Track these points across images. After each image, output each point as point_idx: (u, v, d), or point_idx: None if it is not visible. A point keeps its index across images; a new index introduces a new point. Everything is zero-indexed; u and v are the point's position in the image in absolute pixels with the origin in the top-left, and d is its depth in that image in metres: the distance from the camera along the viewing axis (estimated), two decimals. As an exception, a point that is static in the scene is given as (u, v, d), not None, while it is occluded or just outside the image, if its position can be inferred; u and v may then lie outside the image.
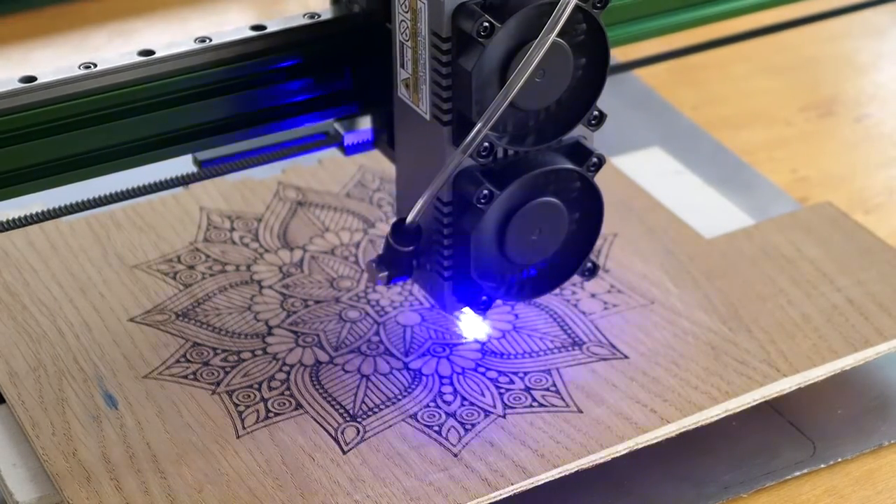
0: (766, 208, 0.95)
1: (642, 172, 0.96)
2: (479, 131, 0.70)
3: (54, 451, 0.75)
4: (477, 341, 0.82)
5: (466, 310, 0.78)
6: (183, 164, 0.80)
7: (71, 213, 0.78)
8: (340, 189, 0.93)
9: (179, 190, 0.92)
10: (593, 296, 0.85)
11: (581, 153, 0.76)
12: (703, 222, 0.91)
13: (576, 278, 0.86)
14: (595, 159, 0.76)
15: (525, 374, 0.80)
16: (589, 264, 0.79)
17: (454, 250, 0.76)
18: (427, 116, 0.74)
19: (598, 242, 0.88)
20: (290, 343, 0.81)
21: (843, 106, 1.09)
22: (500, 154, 0.74)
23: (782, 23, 1.00)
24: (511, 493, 0.73)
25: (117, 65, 0.74)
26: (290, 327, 0.83)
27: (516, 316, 0.83)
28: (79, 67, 0.74)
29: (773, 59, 1.15)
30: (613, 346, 0.82)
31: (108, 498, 0.72)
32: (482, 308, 0.77)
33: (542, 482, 0.74)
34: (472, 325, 0.82)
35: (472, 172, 0.74)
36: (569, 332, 0.82)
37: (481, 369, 0.80)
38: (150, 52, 0.75)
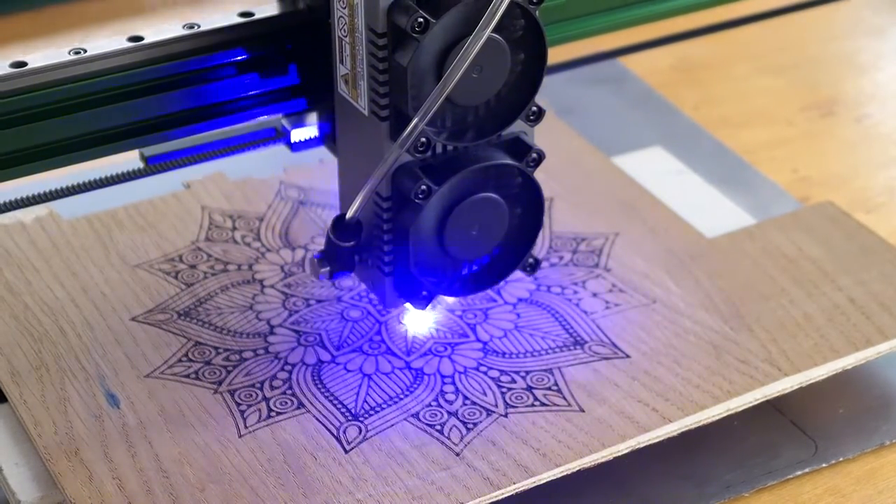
0: (767, 208, 0.95)
1: (643, 172, 0.96)
2: (415, 126, 0.71)
3: (56, 450, 0.75)
4: (479, 340, 0.82)
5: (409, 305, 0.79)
6: (131, 160, 0.80)
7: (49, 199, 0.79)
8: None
9: (181, 189, 0.92)
10: (595, 295, 0.85)
11: (520, 149, 0.76)
12: (704, 222, 0.91)
13: (576, 277, 0.86)
14: (534, 154, 0.76)
15: (527, 373, 0.80)
16: (531, 259, 0.79)
17: (394, 245, 0.76)
18: (366, 112, 0.74)
19: (600, 241, 0.89)
20: (291, 342, 0.81)
21: (844, 106, 1.09)
22: (439, 149, 0.75)
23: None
24: (513, 493, 0.73)
25: (103, 51, 0.75)
26: (292, 326, 0.83)
27: (518, 315, 0.84)
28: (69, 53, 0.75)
29: (774, 59, 1.15)
30: (615, 346, 0.82)
31: (111, 497, 0.72)
32: (423, 303, 0.78)
33: (544, 481, 0.74)
34: (417, 319, 0.83)
35: (410, 168, 0.74)
36: (571, 331, 0.82)
37: (483, 368, 0.80)
38: (138, 37, 0.76)
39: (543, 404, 0.78)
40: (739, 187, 0.97)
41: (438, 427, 0.76)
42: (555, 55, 0.88)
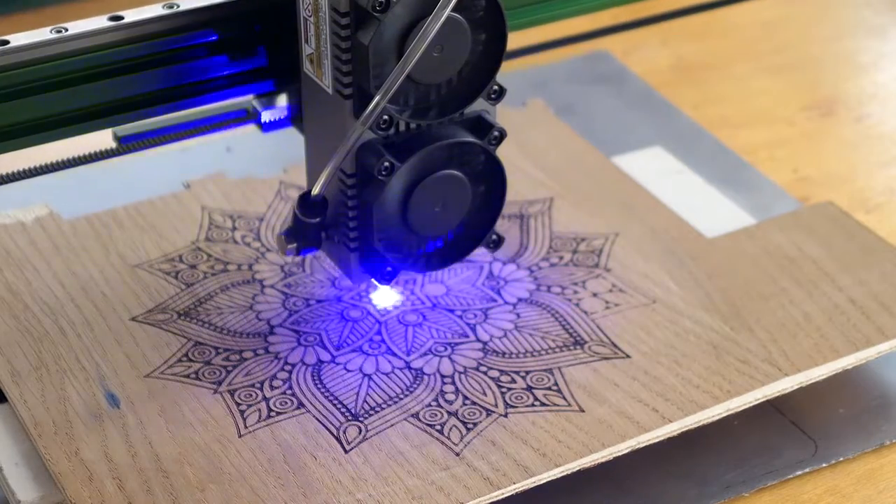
0: (767, 208, 0.95)
1: (643, 172, 0.96)
2: (377, 104, 0.72)
3: (56, 450, 0.75)
4: (479, 340, 0.82)
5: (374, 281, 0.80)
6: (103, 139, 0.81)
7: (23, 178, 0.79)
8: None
9: (181, 189, 0.93)
10: (595, 295, 0.85)
11: (483, 126, 0.78)
12: (704, 222, 0.91)
13: (576, 277, 0.86)
14: (496, 133, 0.77)
15: (527, 373, 0.80)
16: (494, 236, 0.81)
17: (359, 222, 0.78)
18: (330, 91, 0.75)
19: (600, 241, 0.89)
20: (291, 342, 0.81)
21: (844, 105, 1.09)
22: (402, 127, 0.76)
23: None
24: (513, 493, 0.73)
25: (84, 30, 0.75)
26: (292, 326, 0.83)
27: (518, 315, 0.84)
28: (50, 31, 0.75)
29: (774, 59, 1.15)
30: (615, 346, 0.82)
31: (111, 497, 0.72)
32: (387, 279, 0.79)
33: (544, 481, 0.74)
34: (383, 296, 0.84)
35: (374, 145, 0.76)
36: (571, 331, 0.82)
37: (483, 368, 0.80)
38: (118, 17, 0.76)
39: (543, 404, 0.78)
40: (739, 187, 0.97)
41: (438, 427, 0.76)
42: (529, 37, 0.88)
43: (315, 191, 0.76)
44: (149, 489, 0.73)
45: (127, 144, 0.80)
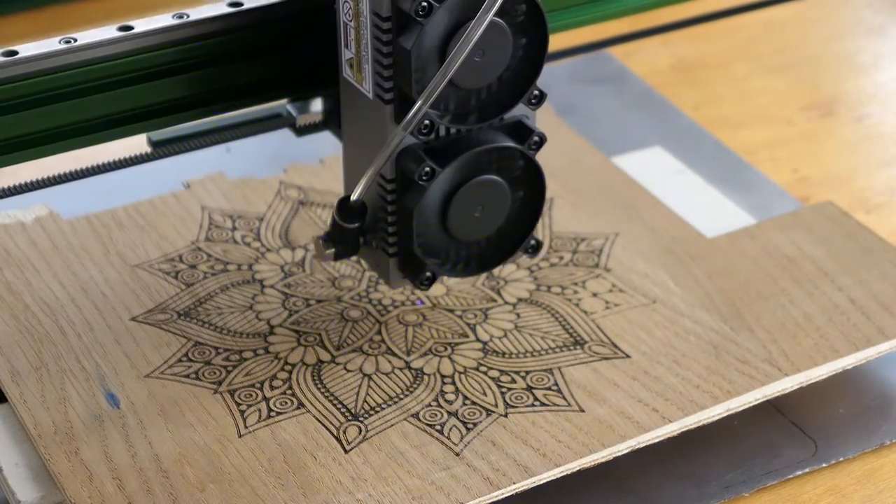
0: (767, 208, 0.95)
1: (644, 172, 0.96)
2: (419, 109, 0.72)
3: (56, 450, 0.75)
4: (479, 340, 0.82)
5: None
6: (139, 144, 0.81)
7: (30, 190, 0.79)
8: (342, 188, 0.93)
9: (181, 189, 0.92)
10: (595, 295, 0.85)
11: (523, 132, 0.77)
12: (704, 222, 0.91)
13: (576, 277, 0.86)
14: (536, 137, 0.77)
15: (527, 373, 0.80)
16: (532, 241, 0.80)
17: (398, 227, 0.77)
18: (370, 95, 0.75)
19: (600, 241, 0.89)
20: (291, 342, 0.81)
21: (844, 105, 1.09)
22: (442, 132, 0.76)
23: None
24: (513, 492, 0.73)
25: (93, 40, 0.75)
26: (292, 326, 0.83)
27: (518, 315, 0.84)
28: (59, 42, 0.75)
29: (774, 59, 1.15)
30: (615, 346, 0.82)
31: (111, 497, 0.72)
32: (426, 284, 0.78)
33: (544, 481, 0.74)
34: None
35: (414, 150, 0.75)
36: (571, 331, 0.82)
37: (483, 368, 0.80)
38: (127, 27, 0.76)
39: (543, 404, 0.78)
40: (739, 187, 0.97)
41: (438, 427, 0.76)
42: (557, 43, 0.88)
43: (354, 196, 0.75)
44: (149, 489, 0.73)
45: (160, 150, 0.80)
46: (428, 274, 0.78)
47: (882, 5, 1.22)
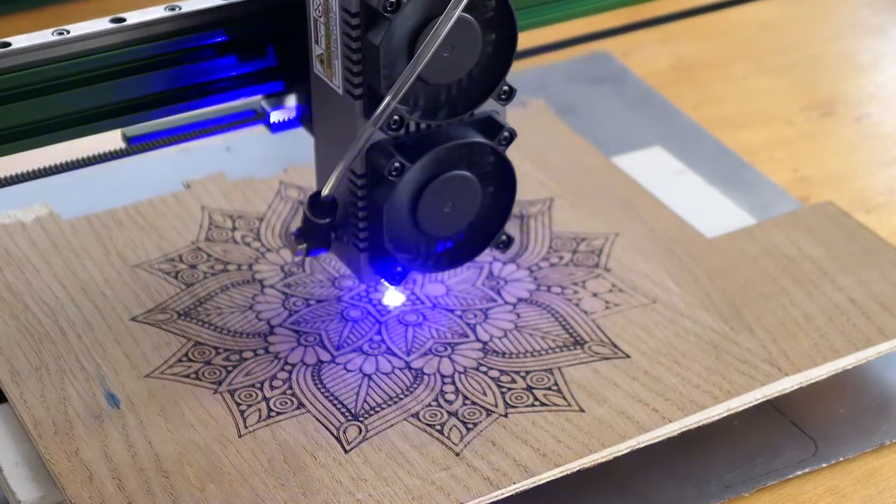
0: (767, 208, 0.95)
1: (643, 172, 0.96)
2: (388, 104, 0.72)
3: (56, 450, 0.75)
4: (479, 340, 0.82)
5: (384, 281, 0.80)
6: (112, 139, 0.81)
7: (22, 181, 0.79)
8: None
9: (181, 189, 0.93)
10: (595, 295, 0.85)
11: (492, 127, 0.78)
12: (704, 222, 0.91)
13: (576, 277, 0.86)
14: (506, 133, 0.78)
15: (527, 373, 0.80)
16: (504, 237, 0.81)
17: (369, 222, 0.78)
18: (340, 91, 0.76)
19: (600, 241, 0.89)
20: (291, 342, 0.81)
21: (844, 105, 1.09)
22: (412, 128, 0.76)
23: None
24: (513, 492, 0.73)
25: (86, 32, 0.75)
26: (292, 326, 0.83)
27: (518, 315, 0.84)
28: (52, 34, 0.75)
29: (773, 59, 1.15)
30: (615, 346, 0.82)
31: (111, 497, 0.72)
32: (397, 279, 0.79)
33: (544, 481, 0.74)
34: (392, 296, 0.84)
35: (384, 146, 0.76)
36: (571, 331, 0.82)
37: (483, 368, 0.80)
38: (120, 19, 0.76)
39: (543, 404, 0.78)
40: (739, 187, 0.97)
41: (438, 427, 0.76)
42: (536, 38, 0.88)
43: (325, 192, 0.76)
44: (149, 489, 0.73)
45: (136, 145, 0.80)
46: (399, 269, 0.79)
47: (882, 5, 1.22)
